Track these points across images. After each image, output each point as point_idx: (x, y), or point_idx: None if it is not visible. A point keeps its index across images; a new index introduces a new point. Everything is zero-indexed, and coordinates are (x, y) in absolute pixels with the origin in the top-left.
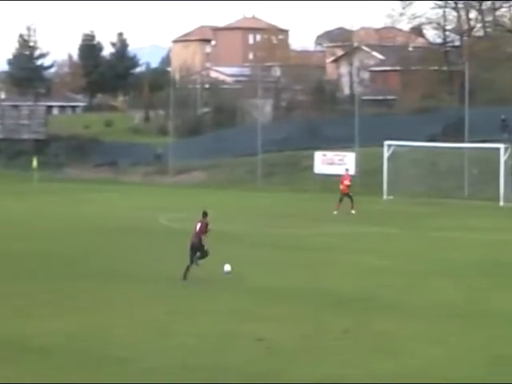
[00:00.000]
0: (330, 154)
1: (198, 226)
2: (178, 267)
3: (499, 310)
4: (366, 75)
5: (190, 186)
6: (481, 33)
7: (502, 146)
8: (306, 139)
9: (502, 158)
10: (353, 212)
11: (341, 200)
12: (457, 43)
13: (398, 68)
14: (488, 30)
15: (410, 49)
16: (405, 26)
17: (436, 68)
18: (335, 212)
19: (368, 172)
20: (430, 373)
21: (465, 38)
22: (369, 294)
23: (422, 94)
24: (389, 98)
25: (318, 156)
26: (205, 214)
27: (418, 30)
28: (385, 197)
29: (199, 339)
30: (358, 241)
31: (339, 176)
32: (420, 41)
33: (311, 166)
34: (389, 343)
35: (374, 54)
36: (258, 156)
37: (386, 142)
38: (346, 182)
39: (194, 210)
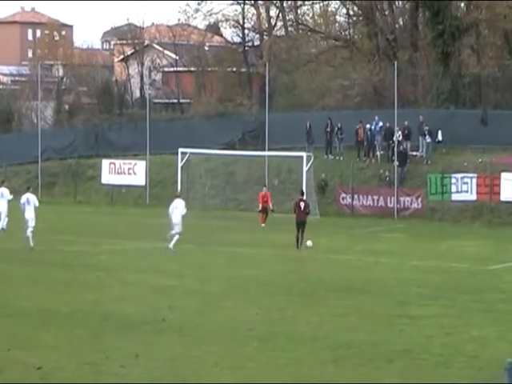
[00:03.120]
0: (118, 163)
1: (303, 204)
2: None
3: (297, 331)
4: (157, 76)
5: None
6: (282, 32)
7: (304, 154)
8: (91, 146)
9: (305, 168)
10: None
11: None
12: (256, 43)
13: (192, 69)
14: (290, 29)
15: (206, 48)
16: (200, 23)
17: (234, 69)
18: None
19: (160, 182)
20: None
21: (265, 37)
22: (158, 316)
23: (218, 97)
24: (183, 101)
25: (106, 165)
26: (302, 193)
27: (214, 28)
28: None
29: None
30: (146, 258)
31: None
32: (217, 39)
33: (98, 176)
34: (181, 369)
35: (167, 52)
36: (37, 164)
37: (180, 150)
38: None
39: None
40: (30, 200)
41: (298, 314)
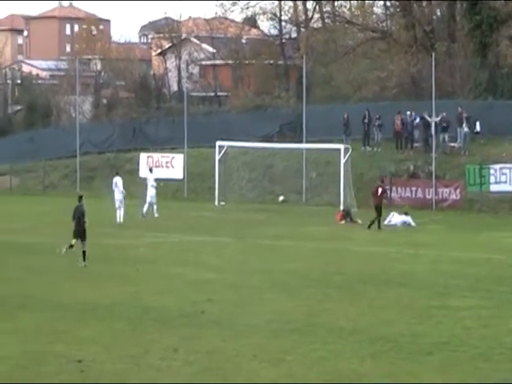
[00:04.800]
0: (156, 156)
1: (380, 190)
2: None
3: (336, 324)
4: (195, 69)
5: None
6: (319, 24)
7: (342, 146)
8: (129, 140)
9: (342, 160)
10: None
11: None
12: (293, 35)
13: (230, 62)
14: (326, 21)
15: (243, 41)
16: (237, 16)
17: (271, 62)
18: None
19: (198, 175)
20: None
21: (302, 29)
22: (197, 309)
23: (256, 90)
24: (220, 94)
25: (143, 158)
26: (382, 180)
27: (251, 21)
28: (216, 203)
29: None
30: (186, 251)
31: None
32: (254, 32)
33: (136, 170)
34: (221, 363)
35: (204, 46)
36: (76, 159)
37: (218, 143)
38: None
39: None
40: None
41: (336, 307)
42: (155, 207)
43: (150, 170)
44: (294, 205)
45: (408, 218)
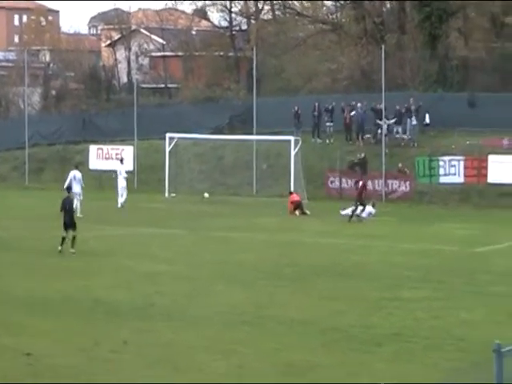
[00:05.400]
0: (106, 148)
1: (361, 183)
2: None
3: (287, 316)
4: (145, 61)
5: None
6: (269, 16)
7: (292, 138)
8: (79, 132)
9: (293, 152)
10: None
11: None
12: (244, 27)
13: (180, 53)
14: (277, 13)
15: (194, 32)
16: (187, 7)
17: (221, 53)
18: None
19: (148, 167)
20: None
21: (252, 21)
22: (148, 302)
23: (206, 81)
24: (170, 86)
25: (93, 150)
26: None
27: (201, 13)
28: (166, 194)
29: None
30: (135, 244)
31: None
32: (204, 24)
33: (85, 162)
34: (172, 355)
35: (154, 37)
36: (25, 150)
37: (168, 135)
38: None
39: None
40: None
41: (287, 299)
42: (124, 198)
43: (121, 161)
44: (245, 196)
45: (373, 210)
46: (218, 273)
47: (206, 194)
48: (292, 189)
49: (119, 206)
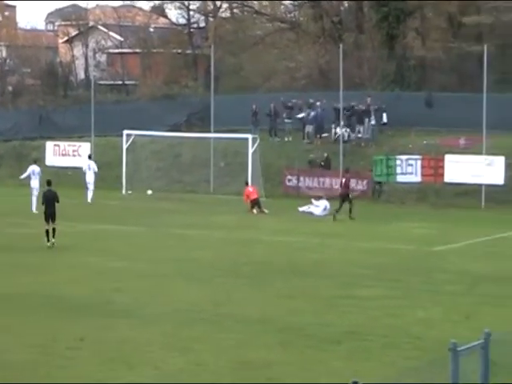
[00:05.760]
0: (63, 145)
1: (344, 180)
2: None
3: (244, 314)
4: (102, 58)
5: None
6: (227, 14)
7: (250, 136)
8: (35, 128)
9: (250, 150)
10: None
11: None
12: (202, 24)
13: (138, 50)
14: (235, 11)
15: (151, 29)
16: (145, 4)
17: (179, 51)
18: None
19: (105, 164)
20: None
21: (210, 19)
22: (105, 298)
23: (164, 78)
24: (128, 83)
25: (50, 146)
26: (346, 171)
27: (159, 10)
28: (124, 191)
29: None
30: (93, 240)
31: None
32: (162, 21)
33: (42, 158)
34: (129, 352)
35: (112, 34)
36: None
37: (125, 132)
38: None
39: None
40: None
41: (244, 296)
42: (91, 194)
43: (89, 157)
44: (203, 194)
45: (328, 204)
46: (176, 270)
47: (150, 191)
48: (249, 181)
49: (89, 201)
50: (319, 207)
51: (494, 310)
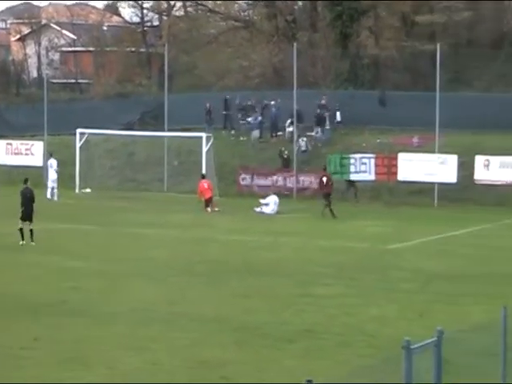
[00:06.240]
0: (15, 143)
1: (325, 179)
2: None
3: (199, 313)
4: (55, 56)
5: None
6: (181, 12)
7: (203, 135)
8: None
9: (204, 149)
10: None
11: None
12: (156, 23)
13: (91, 49)
14: (189, 9)
15: (105, 28)
16: (98, 2)
17: (133, 49)
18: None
19: (59, 163)
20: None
21: (164, 17)
22: (60, 298)
23: (117, 77)
24: (82, 81)
25: (2, 145)
26: (324, 168)
27: (113, 8)
28: (77, 190)
29: None
30: (49, 239)
31: None
32: (115, 19)
33: None
34: (84, 351)
35: (65, 32)
36: None
37: (79, 130)
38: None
39: None
40: None
41: (199, 296)
42: (56, 191)
43: (51, 155)
44: (156, 192)
45: (277, 198)
46: (131, 269)
47: (88, 189)
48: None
49: (49, 196)
50: (269, 205)
51: (447, 308)
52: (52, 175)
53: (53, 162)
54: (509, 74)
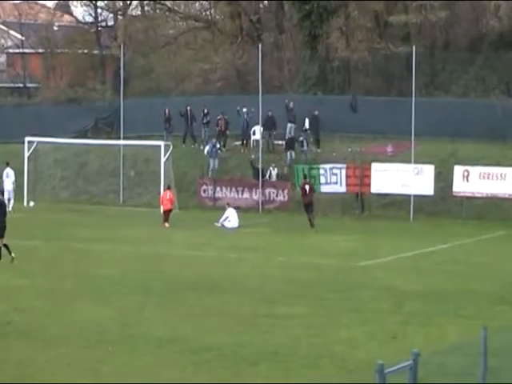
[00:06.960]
0: None
1: (308, 187)
2: None
3: (154, 334)
4: (2, 58)
5: None
6: (138, 11)
7: (162, 143)
8: None
9: (163, 158)
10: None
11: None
12: (110, 23)
13: (40, 50)
14: (146, 8)
15: (55, 28)
16: (49, 1)
17: (86, 51)
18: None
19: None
20: None
21: (119, 17)
22: (4, 319)
23: (69, 81)
24: (30, 85)
25: None
26: (305, 177)
27: (64, 7)
28: (25, 203)
29: None
30: None
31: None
32: (67, 19)
33: None
34: (31, 374)
35: (12, 32)
36: None
37: (27, 138)
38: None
39: None
40: None
41: (154, 315)
42: (12, 202)
43: (7, 164)
44: (111, 206)
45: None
46: (80, 287)
47: (32, 203)
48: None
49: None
50: (229, 220)
51: (422, 330)
52: (8, 185)
53: (9, 172)
54: (487, 78)
